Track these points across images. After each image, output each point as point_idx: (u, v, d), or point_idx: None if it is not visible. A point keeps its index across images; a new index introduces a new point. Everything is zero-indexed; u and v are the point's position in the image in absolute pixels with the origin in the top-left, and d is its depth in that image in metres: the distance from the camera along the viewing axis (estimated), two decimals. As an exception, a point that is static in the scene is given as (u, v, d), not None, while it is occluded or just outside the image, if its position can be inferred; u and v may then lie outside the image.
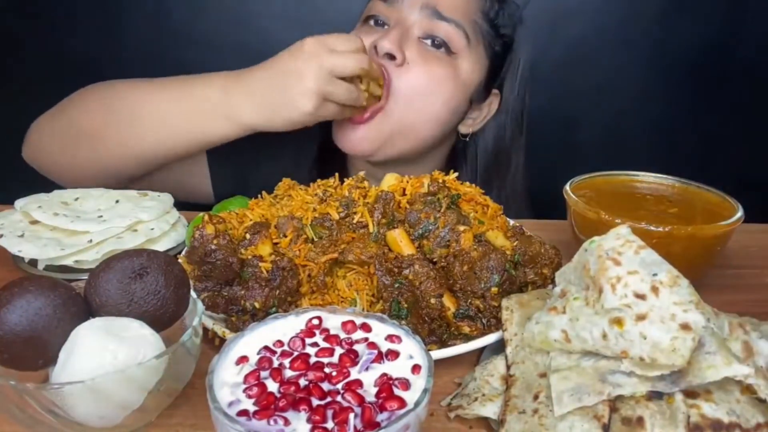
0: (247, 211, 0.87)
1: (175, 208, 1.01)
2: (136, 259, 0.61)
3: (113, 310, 0.59)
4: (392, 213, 0.82)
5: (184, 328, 0.61)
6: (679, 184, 1.01)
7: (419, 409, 0.48)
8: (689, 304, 0.56)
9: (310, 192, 0.89)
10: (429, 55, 1.11)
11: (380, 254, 0.77)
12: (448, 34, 1.11)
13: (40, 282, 0.57)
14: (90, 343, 0.54)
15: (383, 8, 1.14)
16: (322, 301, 0.77)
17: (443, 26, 1.11)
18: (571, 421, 0.55)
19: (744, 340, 0.62)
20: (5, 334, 0.54)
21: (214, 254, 0.74)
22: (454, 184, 0.89)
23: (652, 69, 2.07)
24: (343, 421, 0.47)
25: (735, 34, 2.04)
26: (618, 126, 2.13)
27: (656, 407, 0.54)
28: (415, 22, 1.12)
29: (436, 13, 1.10)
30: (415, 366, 0.53)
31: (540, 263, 0.80)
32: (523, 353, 0.65)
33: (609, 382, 0.56)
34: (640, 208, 0.95)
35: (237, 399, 0.49)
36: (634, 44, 2.04)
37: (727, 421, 0.53)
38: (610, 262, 0.61)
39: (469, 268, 0.76)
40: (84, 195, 0.99)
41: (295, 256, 0.77)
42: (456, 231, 0.79)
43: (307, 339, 0.58)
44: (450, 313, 0.75)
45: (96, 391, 0.51)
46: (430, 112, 1.14)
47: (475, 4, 1.15)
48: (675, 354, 0.53)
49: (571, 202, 0.93)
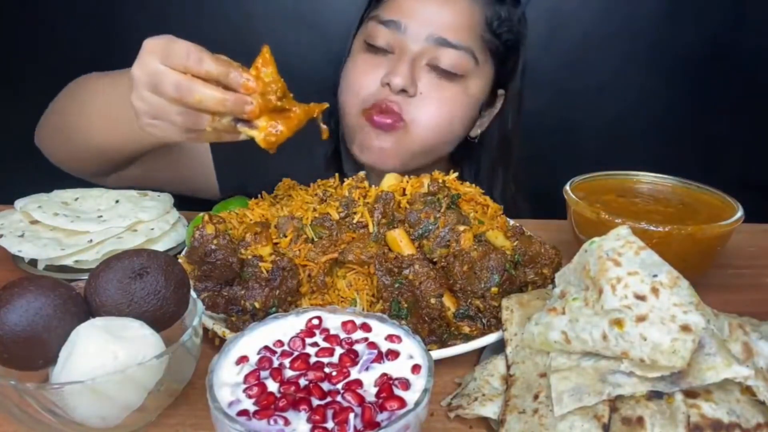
0: (247, 211, 0.87)
1: (175, 208, 1.01)
2: (136, 259, 0.61)
3: (113, 310, 0.59)
4: (392, 213, 0.82)
5: (184, 328, 0.61)
6: (679, 184, 1.01)
7: (419, 409, 0.48)
8: (689, 305, 0.56)
9: (310, 192, 0.89)
10: (440, 83, 1.10)
11: (380, 254, 0.77)
12: (458, 60, 1.09)
13: (40, 282, 0.57)
14: (90, 343, 0.54)
15: (386, 36, 1.10)
16: (322, 301, 0.77)
17: (451, 53, 1.08)
18: (571, 421, 0.55)
19: (744, 341, 0.62)
20: (5, 334, 0.54)
21: (214, 254, 0.74)
22: (454, 184, 0.89)
23: (653, 69, 2.07)
24: (343, 421, 0.47)
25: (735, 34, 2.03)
26: (618, 126, 2.13)
27: (656, 407, 0.54)
28: (422, 50, 1.08)
29: (443, 42, 1.08)
30: (415, 366, 0.53)
31: (540, 263, 0.80)
32: (523, 353, 0.65)
33: (609, 382, 0.56)
34: (640, 208, 0.95)
35: (237, 399, 0.50)
36: (635, 45, 2.03)
37: (727, 421, 0.53)
38: (610, 263, 0.61)
39: (469, 268, 0.76)
40: (84, 195, 0.99)
41: (295, 256, 0.77)
42: (456, 231, 0.79)
43: (307, 339, 0.58)
44: (450, 313, 0.75)
45: (96, 391, 0.51)
46: (448, 134, 1.16)
47: (479, 17, 1.12)
48: (675, 355, 0.53)
49: (571, 202, 0.93)
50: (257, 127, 0.77)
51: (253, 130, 0.77)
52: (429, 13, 1.08)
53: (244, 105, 0.74)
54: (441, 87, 1.10)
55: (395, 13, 1.10)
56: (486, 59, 1.14)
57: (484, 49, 1.13)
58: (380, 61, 1.11)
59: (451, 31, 1.08)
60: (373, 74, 1.10)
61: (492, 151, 1.29)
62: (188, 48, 0.73)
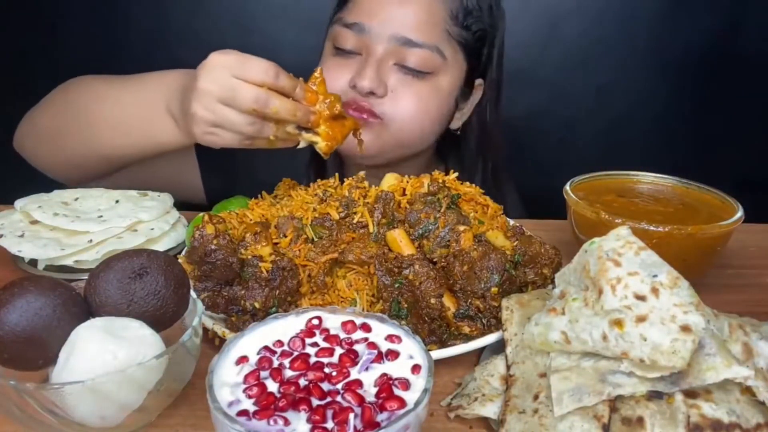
0: (247, 211, 0.87)
1: (175, 208, 1.01)
2: (136, 259, 0.61)
3: (113, 310, 0.59)
4: (392, 213, 0.82)
5: (184, 328, 0.61)
6: (679, 184, 1.01)
7: (419, 409, 0.48)
8: (689, 305, 0.56)
9: (310, 192, 0.89)
10: (408, 80, 1.10)
11: (380, 254, 0.77)
12: (423, 58, 1.09)
13: (40, 282, 0.57)
14: (90, 343, 0.54)
15: (352, 38, 1.10)
16: (322, 301, 0.77)
17: (416, 52, 1.08)
18: (571, 421, 0.55)
19: (744, 341, 0.62)
20: (5, 334, 0.54)
21: (214, 254, 0.74)
22: (454, 184, 0.89)
23: (652, 69, 2.07)
24: (343, 421, 0.47)
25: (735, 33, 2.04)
26: (618, 126, 2.13)
27: (656, 407, 0.54)
28: (388, 51, 1.08)
29: (406, 41, 1.07)
30: (415, 366, 0.53)
31: (540, 263, 0.80)
32: (523, 353, 0.65)
33: (609, 382, 0.56)
34: (640, 209, 0.95)
35: (237, 399, 0.50)
36: (634, 45, 2.04)
37: (727, 421, 0.53)
38: (610, 263, 0.61)
39: (469, 268, 0.76)
40: (84, 195, 0.99)
41: (295, 256, 0.77)
42: (456, 231, 0.79)
43: (307, 339, 0.58)
44: (450, 313, 0.75)
45: (96, 391, 0.51)
46: (421, 129, 1.15)
47: (443, 12, 1.10)
48: (675, 356, 0.53)
49: (571, 202, 0.93)
50: (318, 134, 0.88)
51: (315, 136, 0.88)
52: (390, 13, 1.08)
53: (309, 114, 0.86)
54: (410, 84, 1.10)
55: (358, 15, 1.10)
56: (455, 53, 1.13)
57: (451, 43, 1.12)
58: (348, 63, 1.11)
59: (414, 30, 1.08)
60: (342, 77, 1.10)
61: (472, 141, 1.28)
62: (267, 64, 0.82)
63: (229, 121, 0.83)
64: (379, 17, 1.08)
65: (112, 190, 1.01)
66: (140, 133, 0.98)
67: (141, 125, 0.98)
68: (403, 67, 1.09)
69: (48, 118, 1.11)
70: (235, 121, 0.83)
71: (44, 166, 1.15)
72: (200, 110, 0.84)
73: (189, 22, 1.97)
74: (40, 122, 1.12)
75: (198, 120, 0.85)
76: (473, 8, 1.14)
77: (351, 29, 1.10)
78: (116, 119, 1.00)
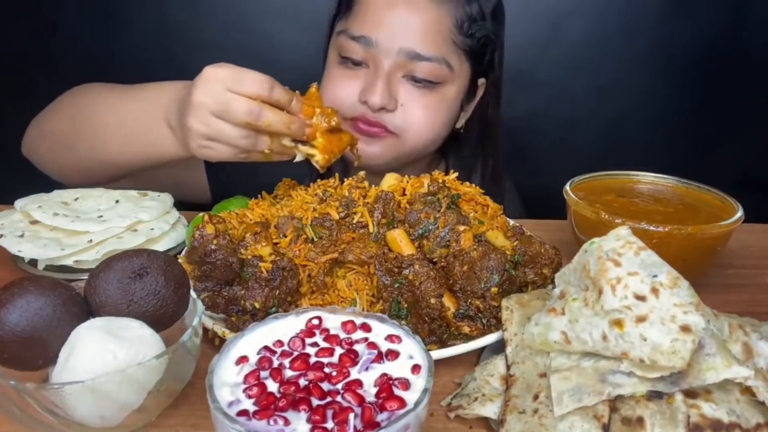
0: (247, 211, 0.87)
1: (175, 208, 1.01)
2: (136, 259, 0.61)
3: (113, 310, 0.59)
4: (392, 213, 0.82)
5: (184, 328, 0.61)
6: (679, 184, 1.01)
7: (419, 409, 0.48)
8: (689, 305, 0.56)
9: (310, 192, 0.89)
10: (417, 92, 1.11)
11: (380, 254, 0.77)
12: (432, 71, 1.09)
13: (40, 282, 0.57)
14: (90, 343, 0.54)
15: (359, 51, 1.09)
16: (322, 301, 0.77)
17: (425, 66, 1.08)
18: (571, 421, 0.55)
19: (744, 341, 0.62)
20: (5, 334, 0.54)
21: (214, 254, 0.74)
22: (454, 184, 0.89)
23: (652, 69, 2.07)
24: (343, 421, 0.47)
25: (736, 34, 2.04)
26: (618, 126, 2.13)
27: (656, 407, 0.54)
28: (396, 64, 1.08)
29: (415, 55, 1.07)
30: (415, 366, 0.53)
31: (540, 263, 0.80)
32: (523, 353, 0.65)
33: (609, 382, 0.56)
34: (640, 208, 0.95)
35: (237, 399, 0.50)
36: (635, 45, 2.04)
37: (727, 421, 0.53)
38: (610, 263, 0.61)
39: (469, 268, 0.76)
40: (84, 195, 0.99)
41: (295, 256, 0.77)
42: (456, 231, 0.79)
43: (307, 339, 0.58)
44: (450, 313, 0.75)
45: (96, 391, 0.51)
46: (433, 138, 1.18)
47: (449, 22, 1.10)
48: (675, 356, 0.53)
49: (571, 202, 0.93)
50: (315, 147, 0.88)
51: (312, 150, 0.88)
52: (397, 26, 1.08)
53: (304, 127, 0.87)
54: (420, 96, 1.11)
55: (363, 26, 1.09)
56: (461, 62, 1.14)
57: (457, 52, 1.13)
58: (356, 74, 1.11)
59: (422, 43, 1.08)
60: (350, 88, 1.10)
61: (473, 138, 1.29)
62: (261, 78, 0.83)
63: (223, 134, 0.84)
64: (386, 30, 1.08)
65: (112, 190, 1.01)
66: (143, 144, 1.00)
67: (142, 136, 0.99)
68: (411, 78, 1.10)
69: (56, 124, 1.11)
70: (229, 134, 0.83)
71: (53, 172, 1.16)
72: (195, 123, 0.84)
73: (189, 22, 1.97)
74: (48, 128, 1.13)
75: (193, 133, 0.85)
76: (477, 16, 1.14)
77: (357, 42, 1.09)
78: (120, 129, 1.01)
